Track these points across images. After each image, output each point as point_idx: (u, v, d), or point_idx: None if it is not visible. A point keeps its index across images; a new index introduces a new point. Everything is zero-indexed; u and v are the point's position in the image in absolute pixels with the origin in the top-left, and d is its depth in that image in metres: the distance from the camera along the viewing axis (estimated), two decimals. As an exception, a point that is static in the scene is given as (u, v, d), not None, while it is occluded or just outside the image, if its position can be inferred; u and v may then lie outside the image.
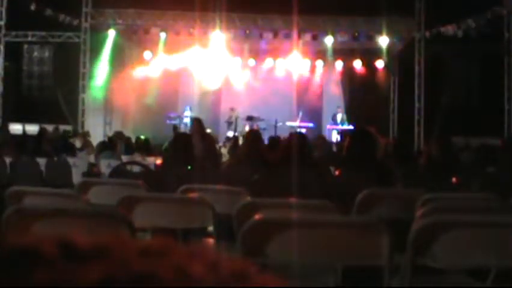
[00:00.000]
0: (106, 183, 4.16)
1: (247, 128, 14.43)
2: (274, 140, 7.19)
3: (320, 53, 17.16)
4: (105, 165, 7.98)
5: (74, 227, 2.22)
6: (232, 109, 16.09)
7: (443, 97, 15.45)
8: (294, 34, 15.71)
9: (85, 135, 13.12)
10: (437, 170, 4.92)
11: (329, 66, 17.47)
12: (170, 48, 16.65)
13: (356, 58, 17.10)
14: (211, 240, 3.31)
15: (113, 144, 9.89)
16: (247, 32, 16.22)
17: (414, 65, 16.07)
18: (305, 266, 2.16)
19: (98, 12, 16.01)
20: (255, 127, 14.46)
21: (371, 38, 16.29)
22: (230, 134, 14.97)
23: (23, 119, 15.40)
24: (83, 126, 15.69)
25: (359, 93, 16.81)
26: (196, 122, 7.68)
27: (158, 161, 6.39)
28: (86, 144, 11.85)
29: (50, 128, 13.38)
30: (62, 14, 15.40)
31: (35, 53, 17.27)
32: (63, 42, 16.17)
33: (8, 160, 7.27)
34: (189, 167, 4.71)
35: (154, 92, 16.82)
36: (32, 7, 14.73)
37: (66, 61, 16.21)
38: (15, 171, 7.06)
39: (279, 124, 15.47)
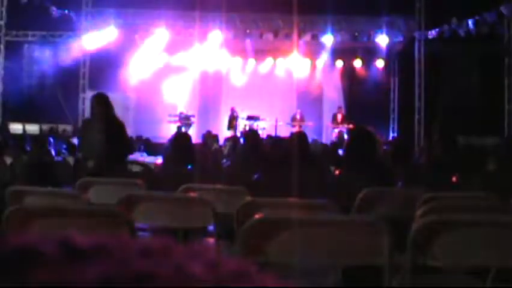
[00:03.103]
0: (106, 182, 4.16)
1: (247, 128, 14.44)
2: (275, 139, 7.18)
3: (320, 53, 17.15)
4: (105, 165, 7.96)
5: (74, 227, 2.22)
6: (232, 109, 16.11)
7: (443, 97, 15.45)
8: (294, 34, 15.69)
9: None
10: (437, 169, 4.93)
11: (329, 66, 17.46)
12: (171, 48, 16.64)
13: (356, 58, 17.10)
14: (211, 240, 3.30)
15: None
16: (248, 31, 16.22)
17: (414, 65, 16.07)
18: (305, 266, 2.16)
19: (98, 12, 16.00)
20: (254, 127, 14.47)
21: (371, 38, 16.29)
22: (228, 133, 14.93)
23: (23, 119, 15.38)
24: (83, 126, 15.64)
25: (359, 93, 16.80)
26: (96, 99, 5.65)
27: (159, 161, 6.37)
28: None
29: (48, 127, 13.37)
30: (63, 13, 15.40)
31: (36, 53, 17.25)
32: (63, 41, 16.16)
33: (8, 160, 7.26)
34: (189, 166, 4.70)
35: (154, 91, 16.82)
36: (32, 7, 14.71)
37: (66, 61, 16.19)
38: (15, 171, 7.05)
39: (279, 124, 15.49)
